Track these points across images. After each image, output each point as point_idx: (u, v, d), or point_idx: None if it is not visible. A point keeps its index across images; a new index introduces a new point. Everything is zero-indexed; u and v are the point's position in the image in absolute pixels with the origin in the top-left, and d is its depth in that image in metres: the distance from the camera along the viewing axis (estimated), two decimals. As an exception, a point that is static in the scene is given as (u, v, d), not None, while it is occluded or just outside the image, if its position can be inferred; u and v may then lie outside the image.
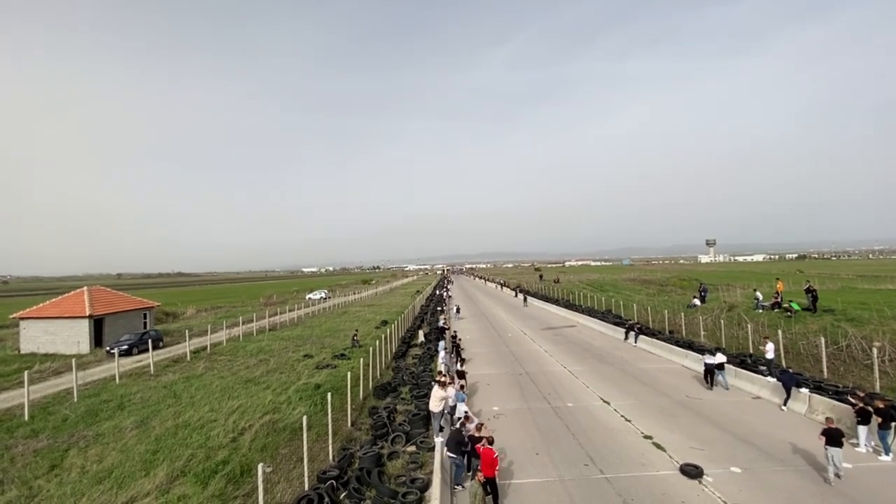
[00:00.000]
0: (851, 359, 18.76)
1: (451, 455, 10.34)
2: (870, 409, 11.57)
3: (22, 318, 29.81)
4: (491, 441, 9.89)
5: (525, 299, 51.43)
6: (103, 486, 10.74)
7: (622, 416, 14.71)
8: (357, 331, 31.22)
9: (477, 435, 10.37)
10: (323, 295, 72.08)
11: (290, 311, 45.40)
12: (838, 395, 14.25)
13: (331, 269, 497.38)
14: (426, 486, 10.24)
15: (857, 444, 11.59)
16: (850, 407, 12.32)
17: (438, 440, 11.53)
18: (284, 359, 24.51)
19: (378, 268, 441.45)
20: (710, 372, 17.25)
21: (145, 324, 34.42)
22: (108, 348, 27.31)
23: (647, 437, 12.89)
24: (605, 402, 16.19)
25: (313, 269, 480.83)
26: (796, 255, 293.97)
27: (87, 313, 29.13)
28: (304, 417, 11.02)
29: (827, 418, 11.14)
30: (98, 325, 30.14)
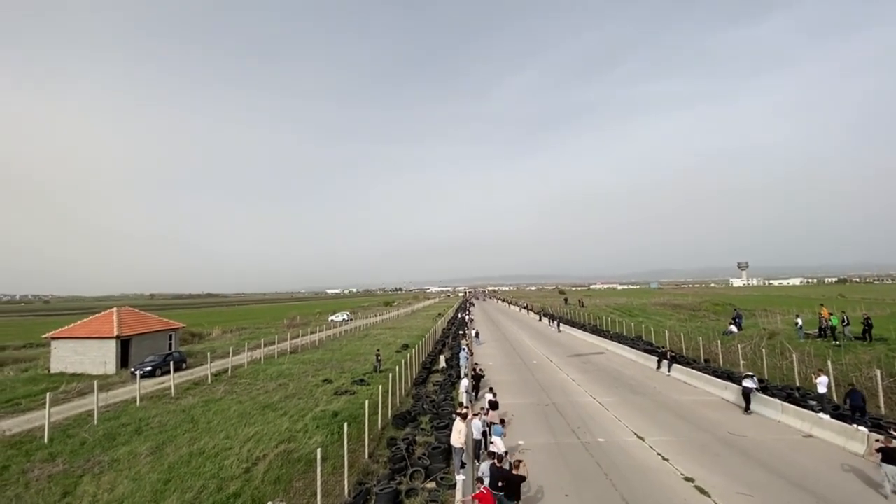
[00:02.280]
0: (914, 394, 17.06)
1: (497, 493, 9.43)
2: None
3: (53, 339, 30.57)
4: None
5: (559, 326, 49.28)
6: (113, 517, 10.39)
7: (658, 453, 13.58)
8: (379, 351, 30.72)
9: (516, 473, 9.60)
10: (345, 317, 72.14)
11: (311, 332, 45.34)
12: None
13: (354, 290, 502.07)
14: (446, 528, 9.50)
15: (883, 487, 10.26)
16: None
17: (460, 478, 10.79)
18: (303, 384, 24.13)
19: (400, 289, 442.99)
20: (747, 396, 17.23)
21: (170, 345, 34.83)
22: (132, 369, 27.58)
23: (688, 479, 11.77)
24: (639, 437, 15.06)
25: (337, 291, 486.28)
26: (836, 278, 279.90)
27: (115, 334, 29.66)
28: (319, 450, 10.48)
29: (886, 436, 10.95)
30: (125, 345, 30.62)
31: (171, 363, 26.06)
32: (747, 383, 17.68)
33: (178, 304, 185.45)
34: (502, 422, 13.74)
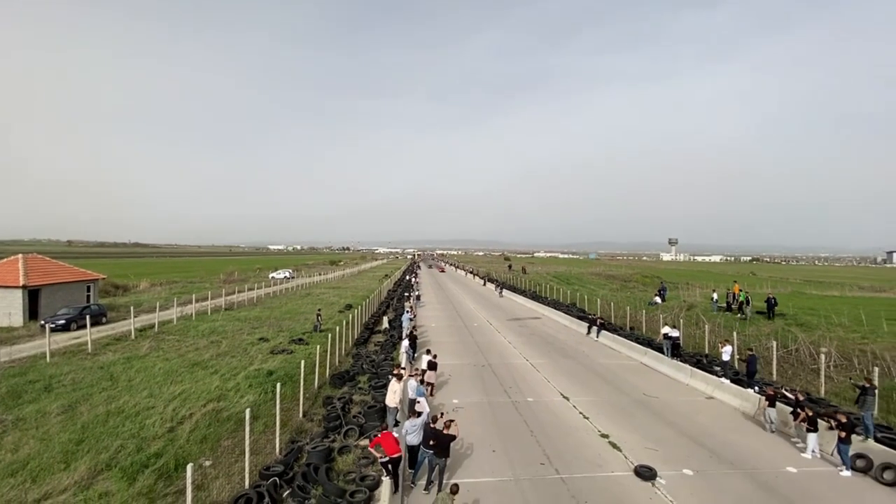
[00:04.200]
0: (800, 363, 19.47)
1: (427, 450, 9.82)
2: (817, 417, 11.85)
3: (-55, 286, 27.14)
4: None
5: (501, 291, 51.20)
6: (15, 479, 9.65)
7: (581, 412, 14.64)
8: (320, 310, 30.21)
9: (446, 432, 9.91)
10: (287, 274, 69.95)
11: (250, 289, 43.56)
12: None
13: (298, 247, 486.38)
14: (376, 484, 9.74)
15: (805, 450, 11.86)
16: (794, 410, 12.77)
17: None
18: (238, 341, 23.32)
19: (347, 249, 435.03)
20: (675, 345, 20.08)
21: (88, 297, 32.14)
22: (42, 322, 25.24)
23: (604, 435, 12.82)
24: (564, 397, 16.12)
25: (280, 247, 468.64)
26: (750, 258, 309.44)
27: (21, 283, 26.83)
28: (248, 409, 10.21)
29: (771, 387, 13.59)
30: (34, 296, 27.86)
31: (89, 317, 24.10)
32: (671, 332, 20.16)
33: (100, 253, 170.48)
34: (422, 381, 14.08)
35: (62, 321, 25.50)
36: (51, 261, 32.43)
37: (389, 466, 9.45)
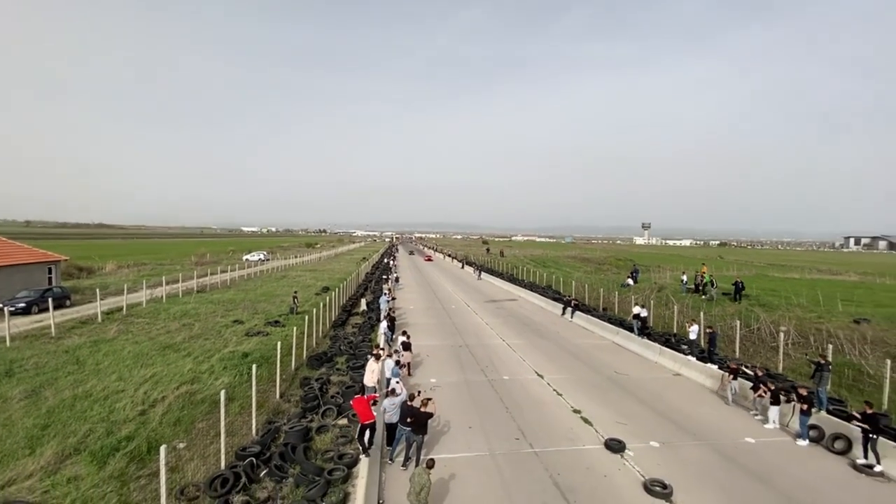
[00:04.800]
0: (761, 341, 20.46)
1: (405, 427, 10.00)
2: (779, 392, 12.54)
3: None
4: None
5: (479, 274, 51.82)
6: (-24, 465, 9.32)
7: (554, 389, 15.07)
8: (297, 292, 29.81)
9: (423, 410, 10.05)
10: (261, 257, 68.57)
11: (223, 272, 42.50)
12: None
13: (273, 229, 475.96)
14: (355, 461, 9.84)
15: (767, 421, 12.56)
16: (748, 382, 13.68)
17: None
18: (211, 324, 22.85)
19: (324, 231, 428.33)
20: (643, 322, 21.27)
21: (50, 279, 30.74)
22: (0, 305, 24.07)
23: (576, 411, 13.26)
24: (539, 375, 16.54)
25: (254, 229, 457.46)
26: (718, 242, 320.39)
27: (-25, 265, 25.43)
28: (223, 391, 10.07)
29: (733, 361, 14.69)
30: (-11, 278, 26.45)
31: (51, 299, 23.11)
32: (641, 312, 21.31)
33: (62, 234, 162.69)
34: (397, 363, 14.21)
35: (22, 304, 24.40)
36: (7, 241, 30.79)
37: (367, 432, 9.76)
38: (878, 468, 10.06)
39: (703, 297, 30.50)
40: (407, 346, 16.24)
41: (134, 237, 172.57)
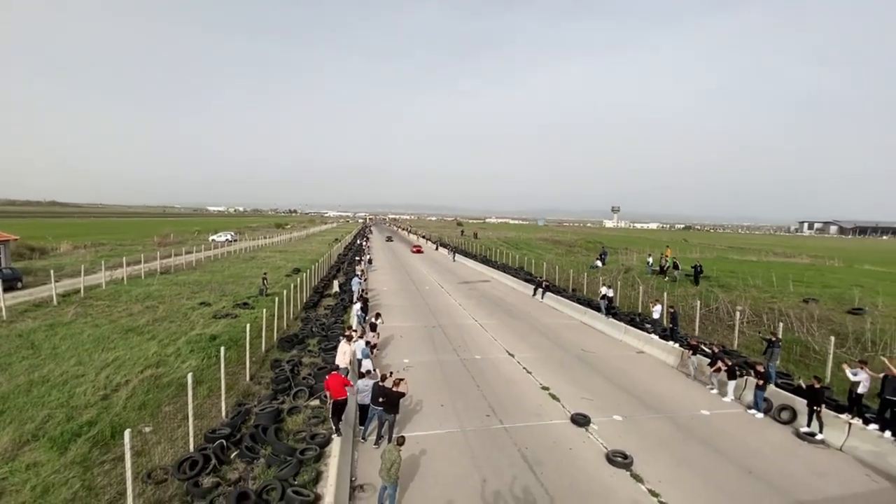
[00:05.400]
0: (719, 320, 21.54)
1: (377, 407, 10.11)
2: (736, 368, 13.34)
3: None
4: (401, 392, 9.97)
5: (454, 256, 52.18)
6: (-77, 454, 8.87)
7: (524, 367, 15.50)
8: (266, 273, 29.19)
9: (395, 389, 10.14)
10: (229, 237, 66.51)
11: (188, 253, 41.06)
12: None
13: (241, 209, 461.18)
14: (327, 441, 9.89)
15: (725, 394, 13.35)
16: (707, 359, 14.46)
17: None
18: (176, 306, 22.15)
19: (295, 211, 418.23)
20: (609, 302, 22.19)
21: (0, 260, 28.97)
22: (-57, 288, 22.55)
23: (544, 388, 13.70)
24: (510, 354, 16.94)
25: (220, 209, 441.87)
26: (683, 225, 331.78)
27: (-88, 244, 23.65)
28: (190, 373, 9.85)
29: (696, 341, 15.46)
30: (-71, 259, 24.70)
31: (1, 280, 21.82)
32: (607, 292, 22.24)
33: (9, 213, 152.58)
34: (368, 343, 14.28)
35: (-32, 286, 22.92)
36: (-52, 219, 28.70)
37: (335, 407, 9.96)
38: (819, 436, 10.91)
39: (667, 278, 31.75)
40: (373, 327, 16.35)
41: (90, 216, 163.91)
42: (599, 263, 41.00)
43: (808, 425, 11.17)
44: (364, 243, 64.53)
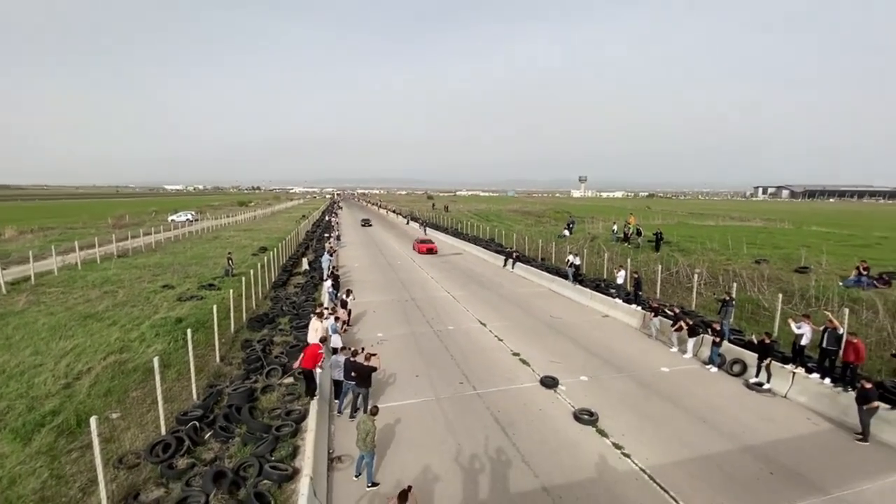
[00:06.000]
0: (678, 283, 22.60)
1: (349, 382, 10.24)
2: (696, 327, 14.18)
3: None
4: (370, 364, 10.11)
5: (425, 229, 51.85)
6: None
7: (496, 336, 15.92)
8: (231, 253, 28.37)
9: (366, 364, 10.24)
10: (189, 217, 63.83)
11: (146, 234, 39.21)
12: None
13: (200, 187, 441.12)
14: (303, 416, 9.97)
15: (686, 352, 14.18)
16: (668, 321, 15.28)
17: (317, 370, 11.19)
18: (137, 290, 21.32)
19: (258, 189, 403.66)
20: (576, 269, 22.89)
21: (-66, 249, 26.88)
22: None
23: (515, 354, 14.17)
24: (482, 324, 17.33)
25: (178, 187, 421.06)
26: (647, 193, 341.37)
27: None
28: (157, 357, 9.61)
29: (657, 303, 16.25)
30: None
31: (-62, 271, 20.36)
32: (574, 260, 22.99)
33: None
34: (337, 319, 14.30)
35: None
36: None
37: (303, 376, 10.43)
38: (766, 386, 11.82)
39: (630, 245, 32.87)
40: (344, 304, 16.33)
41: (35, 198, 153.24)
42: (567, 233, 41.90)
43: (757, 376, 12.08)
44: (333, 220, 63.37)
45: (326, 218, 69.42)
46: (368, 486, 7.92)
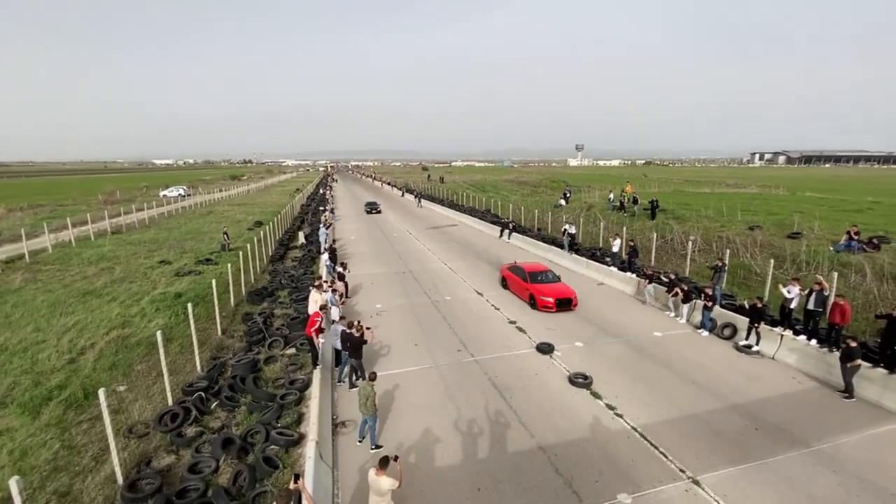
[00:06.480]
0: (673, 250, 22.84)
1: (345, 351, 10.47)
2: (689, 293, 14.43)
3: None
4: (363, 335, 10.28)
5: (420, 201, 51.54)
6: None
7: (492, 305, 16.18)
8: (227, 229, 28.25)
9: (356, 335, 10.42)
10: (181, 192, 62.99)
11: (139, 210, 38.81)
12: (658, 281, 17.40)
13: (191, 161, 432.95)
14: (306, 385, 10.24)
15: (680, 317, 14.51)
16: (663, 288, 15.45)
17: (320, 341, 11.40)
18: (134, 266, 21.32)
19: (250, 162, 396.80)
20: (572, 238, 23.23)
21: (-76, 228, 26.57)
22: None
23: (511, 322, 14.46)
24: (479, 293, 17.56)
25: (168, 162, 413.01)
26: (644, 161, 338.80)
27: None
28: (159, 331, 9.74)
29: (652, 270, 16.66)
30: None
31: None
32: (570, 229, 23.13)
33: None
34: (334, 291, 14.44)
35: None
36: None
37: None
38: (755, 348, 12.18)
39: (626, 213, 32.93)
40: (341, 277, 16.45)
41: (22, 175, 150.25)
42: (563, 202, 41.85)
43: (747, 338, 12.43)
44: (327, 193, 62.79)
45: (321, 191, 68.76)
46: (372, 449, 8.25)
